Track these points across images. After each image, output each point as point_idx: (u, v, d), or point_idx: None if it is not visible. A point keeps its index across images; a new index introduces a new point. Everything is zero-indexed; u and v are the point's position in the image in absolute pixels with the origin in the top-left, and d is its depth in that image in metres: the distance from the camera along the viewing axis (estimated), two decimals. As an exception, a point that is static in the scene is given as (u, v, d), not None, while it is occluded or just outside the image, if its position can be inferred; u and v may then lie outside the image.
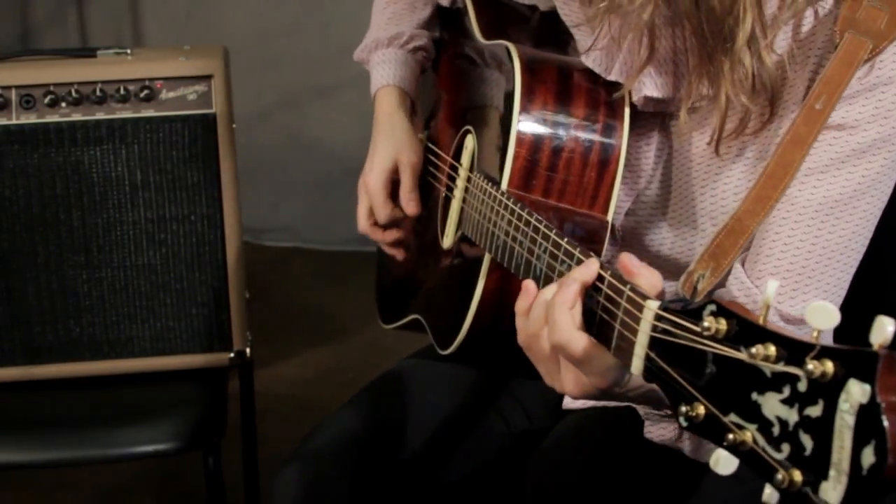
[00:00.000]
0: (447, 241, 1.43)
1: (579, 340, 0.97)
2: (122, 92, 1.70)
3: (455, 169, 1.44)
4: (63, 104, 1.70)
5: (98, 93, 1.70)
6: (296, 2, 3.51)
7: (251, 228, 2.94)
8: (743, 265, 1.18)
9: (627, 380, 1.01)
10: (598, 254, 1.22)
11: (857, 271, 1.20)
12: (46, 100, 1.70)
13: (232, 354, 1.81)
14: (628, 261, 0.97)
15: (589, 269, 1.00)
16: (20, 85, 1.70)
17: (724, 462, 0.79)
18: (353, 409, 1.44)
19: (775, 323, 1.15)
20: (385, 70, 1.55)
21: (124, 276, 1.77)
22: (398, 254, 1.55)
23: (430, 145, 1.56)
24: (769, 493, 0.74)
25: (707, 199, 1.24)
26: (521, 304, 1.05)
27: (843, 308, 1.46)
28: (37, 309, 1.77)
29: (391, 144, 1.49)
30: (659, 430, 1.27)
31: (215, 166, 1.74)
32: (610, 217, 1.25)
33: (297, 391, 2.73)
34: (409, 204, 1.48)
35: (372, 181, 1.49)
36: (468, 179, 1.38)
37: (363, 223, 1.52)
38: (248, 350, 1.83)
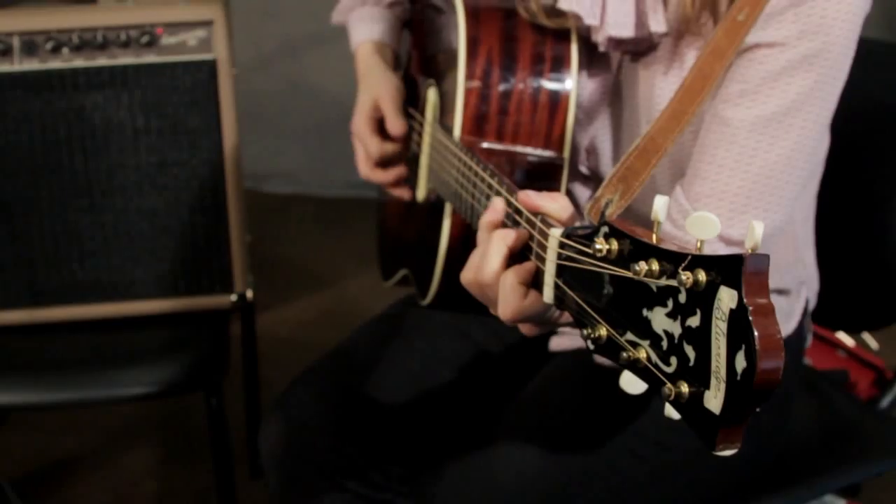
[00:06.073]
0: (420, 194, 1.45)
1: (502, 278, 1.00)
2: (123, 38, 1.71)
3: (421, 124, 1.45)
4: (65, 50, 1.71)
5: (100, 39, 1.71)
6: (295, -52, 3.50)
7: (252, 175, 2.95)
8: (682, 187, 1.17)
9: (553, 310, 1.02)
10: (557, 191, 1.22)
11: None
12: (48, 46, 1.71)
13: (234, 297, 1.84)
14: (526, 197, 1.00)
15: (494, 207, 1.04)
16: (22, 31, 1.70)
17: (629, 382, 0.79)
18: (336, 355, 1.47)
19: (712, 245, 1.13)
20: (363, 27, 1.55)
21: (127, 219, 1.79)
22: (405, 193, 1.54)
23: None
24: (668, 408, 0.74)
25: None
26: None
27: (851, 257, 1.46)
28: (41, 252, 1.79)
29: (368, 88, 1.49)
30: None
31: (216, 111, 1.76)
32: (566, 154, 1.25)
33: (298, 334, 2.76)
34: (394, 126, 1.45)
35: (355, 124, 1.49)
36: (431, 133, 1.39)
37: (363, 168, 1.51)
38: (249, 293, 1.85)
